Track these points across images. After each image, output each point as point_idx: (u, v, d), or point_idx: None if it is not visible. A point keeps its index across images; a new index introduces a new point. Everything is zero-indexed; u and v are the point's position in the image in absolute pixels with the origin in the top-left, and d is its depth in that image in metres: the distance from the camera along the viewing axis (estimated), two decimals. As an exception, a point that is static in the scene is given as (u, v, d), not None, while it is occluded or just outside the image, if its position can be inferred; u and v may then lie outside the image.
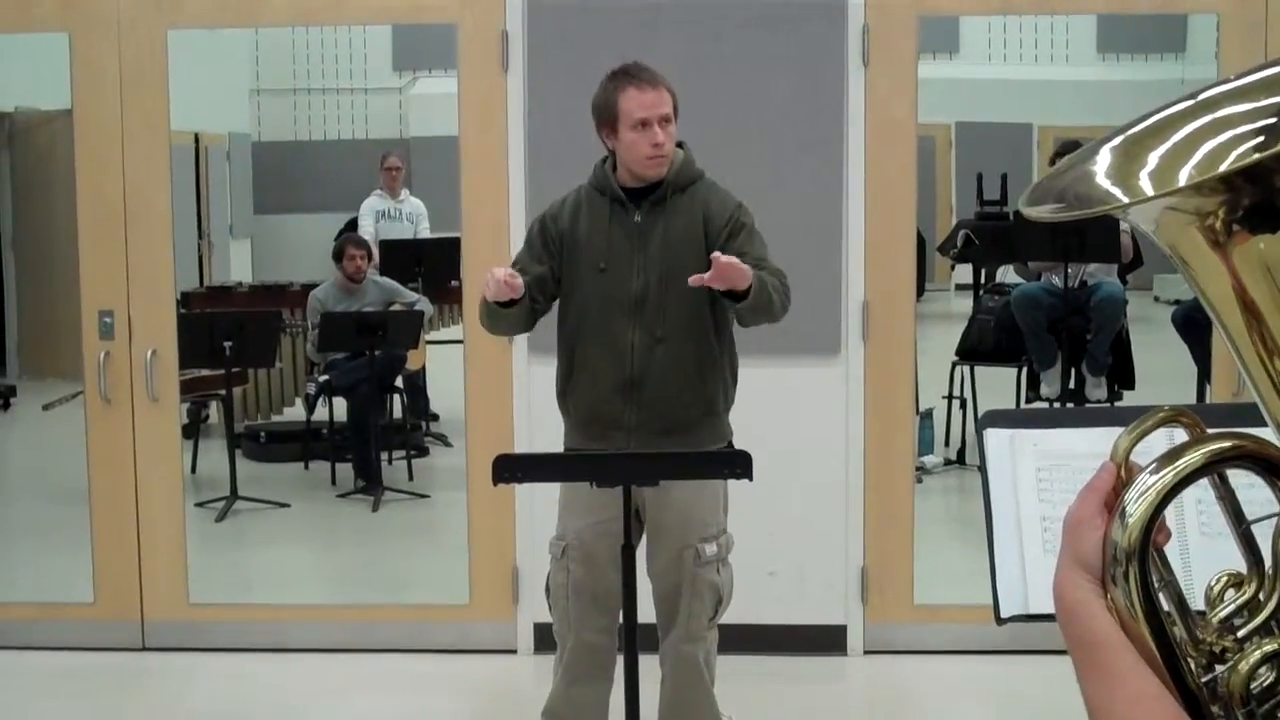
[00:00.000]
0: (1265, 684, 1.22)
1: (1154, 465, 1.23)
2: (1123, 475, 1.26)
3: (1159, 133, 1.18)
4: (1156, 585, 1.23)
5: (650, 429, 4.24)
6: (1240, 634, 1.25)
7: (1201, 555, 1.28)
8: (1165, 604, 1.23)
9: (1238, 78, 1.18)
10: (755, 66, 5.63)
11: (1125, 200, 1.17)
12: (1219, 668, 1.23)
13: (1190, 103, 1.18)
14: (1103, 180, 1.19)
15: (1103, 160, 1.20)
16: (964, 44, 15.55)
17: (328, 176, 13.53)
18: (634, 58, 4.34)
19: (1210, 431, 1.26)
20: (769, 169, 5.59)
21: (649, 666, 4.17)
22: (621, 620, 4.07)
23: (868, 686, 5.74)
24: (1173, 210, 1.15)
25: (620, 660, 4.12)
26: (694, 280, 4.01)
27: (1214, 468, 1.24)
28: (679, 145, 4.36)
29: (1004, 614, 1.56)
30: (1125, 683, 1.19)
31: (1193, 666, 1.22)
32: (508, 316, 4.26)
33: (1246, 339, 1.18)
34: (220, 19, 6.08)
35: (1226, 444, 1.23)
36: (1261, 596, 1.27)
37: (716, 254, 3.99)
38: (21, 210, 11.35)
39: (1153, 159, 1.17)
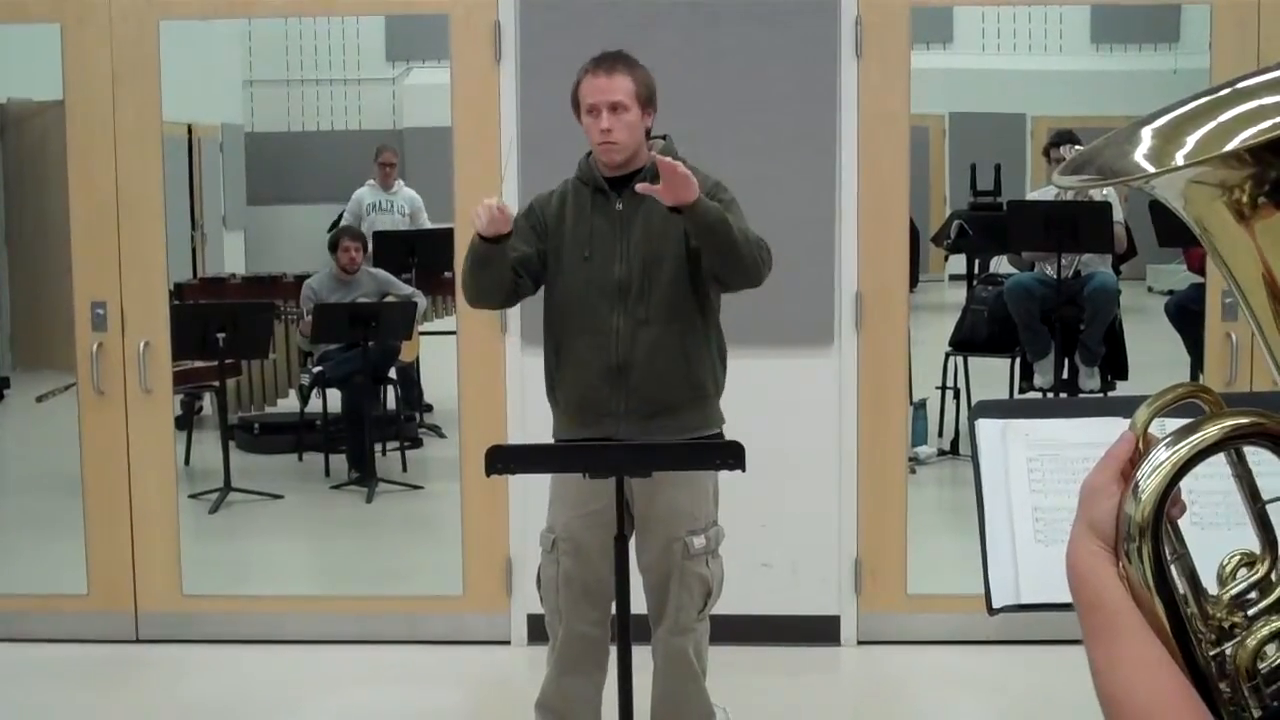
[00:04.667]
0: (1275, 664, 1.23)
1: (1170, 438, 1.24)
2: (1140, 446, 1.27)
3: (1197, 118, 1.20)
4: (1169, 558, 1.24)
5: (639, 413, 4.24)
6: (1251, 611, 1.26)
7: (1193, 545, 1.29)
8: (1178, 578, 1.24)
9: (1276, 67, 1.20)
10: (748, 57, 5.63)
11: (1153, 170, 1.18)
12: (1227, 644, 1.24)
13: (1227, 90, 1.20)
14: (1136, 155, 1.20)
15: (1140, 138, 1.21)
16: (957, 34, 15.57)
17: (321, 167, 13.52)
18: (626, 48, 4.33)
19: (1228, 409, 1.27)
20: (762, 160, 5.58)
21: (643, 658, 4.17)
22: (614, 612, 4.07)
23: (861, 677, 5.75)
24: (1199, 184, 1.17)
25: (613, 651, 4.13)
26: (640, 188, 4.04)
27: (1231, 443, 1.25)
28: (661, 137, 4.37)
29: (996, 604, 1.56)
30: (1130, 647, 1.21)
31: (1202, 642, 1.23)
32: (495, 264, 4.20)
33: (1269, 313, 1.19)
34: (212, 10, 6.06)
35: (1245, 420, 1.24)
36: (1274, 576, 1.28)
37: (655, 155, 4.00)
38: (13, 201, 11.33)
39: (1190, 141, 1.18)
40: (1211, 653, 1.23)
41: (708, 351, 4.33)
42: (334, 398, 8.63)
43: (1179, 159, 1.18)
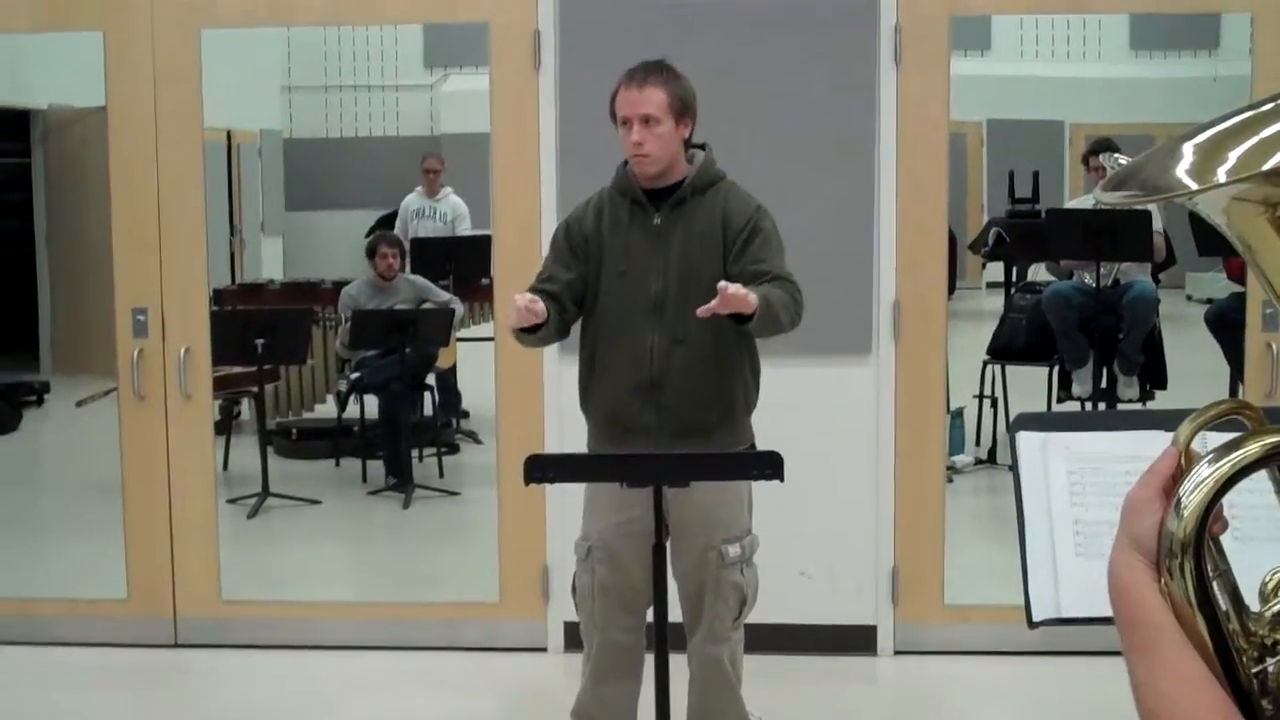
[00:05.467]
0: None
1: (1212, 455, 1.24)
2: (1183, 462, 1.27)
3: (1239, 133, 1.20)
4: (1212, 574, 1.24)
5: (669, 431, 4.23)
6: None
7: (1235, 560, 1.29)
8: (1220, 594, 1.24)
9: None
10: (787, 66, 5.63)
11: (1195, 187, 1.18)
12: (1270, 660, 1.23)
13: (1270, 105, 1.20)
14: (1178, 171, 1.20)
15: (1182, 154, 1.21)
16: (996, 41, 15.51)
17: (359, 173, 13.57)
18: (664, 56, 4.33)
19: (1270, 426, 1.27)
20: (801, 168, 5.58)
21: (678, 666, 4.17)
22: (650, 620, 4.07)
23: (898, 687, 5.73)
24: (1242, 200, 1.17)
25: (649, 660, 4.13)
26: (702, 311, 3.97)
27: (1274, 459, 1.25)
28: (700, 147, 4.35)
29: (1036, 618, 1.56)
30: (1171, 662, 1.21)
31: (1244, 658, 1.23)
32: (536, 339, 4.27)
33: None
34: (253, 18, 6.09)
35: None
36: None
37: (723, 284, 3.92)
38: (55, 207, 11.42)
39: (1232, 156, 1.18)
40: (1254, 669, 1.23)
41: (741, 371, 4.31)
42: (371, 404, 8.66)
43: (1221, 175, 1.17)
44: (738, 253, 4.21)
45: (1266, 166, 1.15)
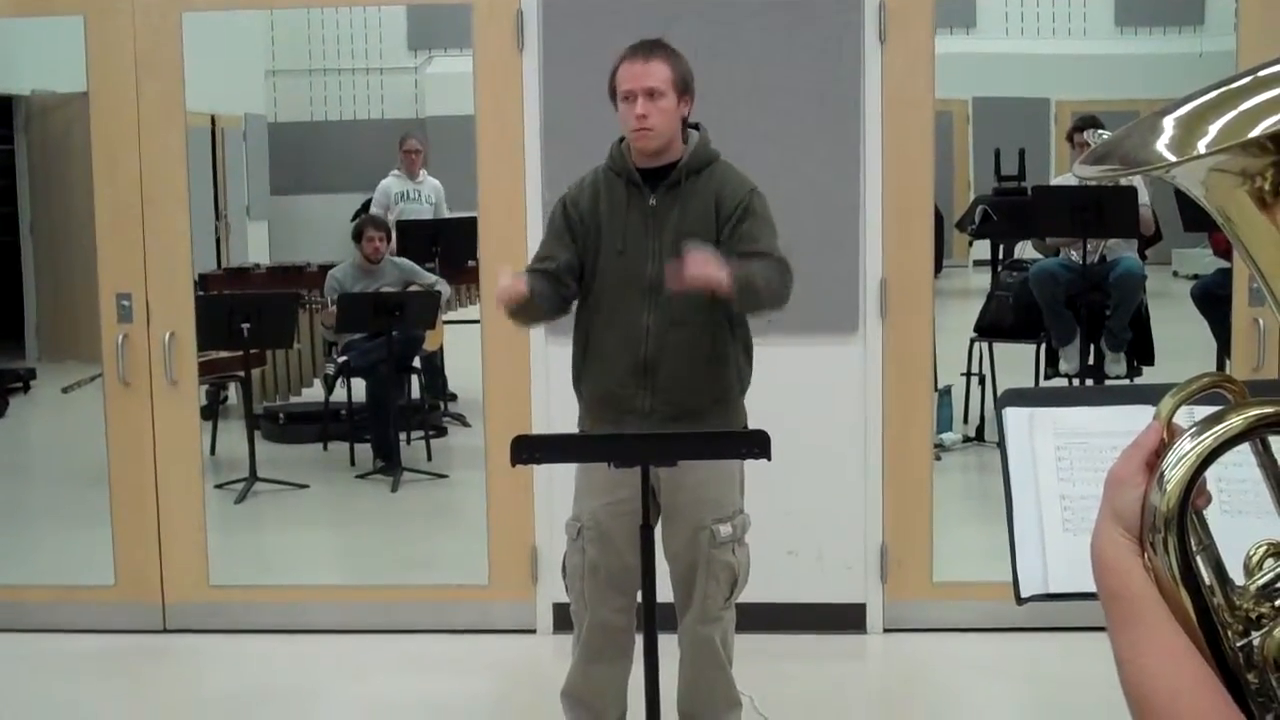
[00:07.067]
0: None
1: (1195, 429, 1.24)
2: (1165, 436, 1.27)
3: (1218, 106, 1.20)
4: (1195, 549, 1.23)
5: (663, 414, 4.22)
6: (1278, 602, 1.25)
7: (1223, 533, 1.28)
8: (1203, 569, 1.24)
9: None
10: (772, 44, 5.62)
11: (1173, 159, 1.18)
12: (1255, 634, 1.23)
13: (1249, 79, 1.19)
14: (1158, 145, 1.20)
15: (1162, 128, 1.21)
16: (981, 18, 15.52)
17: (344, 157, 13.56)
18: (649, 36, 4.31)
19: (1253, 399, 1.26)
20: (786, 147, 5.57)
21: (668, 646, 4.17)
22: (640, 600, 4.07)
23: (887, 664, 5.74)
24: (1221, 172, 1.17)
25: (639, 640, 4.13)
26: (671, 284, 3.98)
27: (1256, 433, 1.25)
28: (694, 127, 4.34)
29: (1024, 594, 1.55)
30: (1154, 637, 1.21)
31: (1228, 632, 1.22)
32: (533, 310, 4.26)
33: None
34: (235, 2, 6.06)
35: (1270, 410, 1.24)
36: None
37: (688, 251, 3.95)
38: (38, 193, 11.38)
39: (1212, 129, 1.17)
40: (1239, 643, 1.23)
41: (735, 353, 4.29)
42: (359, 387, 8.64)
43: (1200, 147, 1.17)
44: (729, 233, 4.19)
45: (1248, 136, 1.15)
